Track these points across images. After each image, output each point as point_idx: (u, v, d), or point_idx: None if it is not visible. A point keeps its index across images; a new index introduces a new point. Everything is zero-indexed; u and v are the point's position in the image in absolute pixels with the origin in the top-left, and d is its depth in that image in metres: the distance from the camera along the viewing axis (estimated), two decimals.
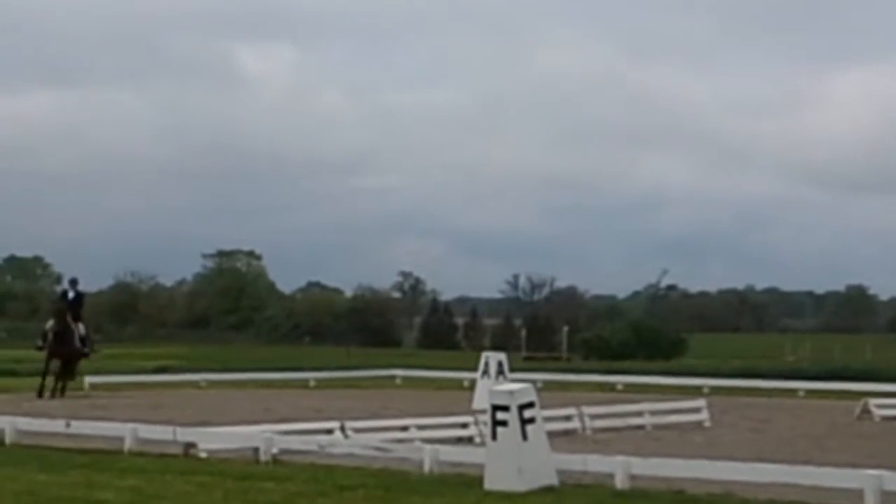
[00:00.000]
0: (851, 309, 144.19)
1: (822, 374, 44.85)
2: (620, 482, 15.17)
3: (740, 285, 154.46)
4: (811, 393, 38.69)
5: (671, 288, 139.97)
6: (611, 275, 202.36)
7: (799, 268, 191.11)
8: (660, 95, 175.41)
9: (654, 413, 26.38)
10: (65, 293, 37.83)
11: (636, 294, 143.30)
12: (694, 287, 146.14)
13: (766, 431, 25.32)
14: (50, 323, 36.25)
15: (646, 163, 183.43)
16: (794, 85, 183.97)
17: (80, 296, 37.40)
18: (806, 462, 16.44)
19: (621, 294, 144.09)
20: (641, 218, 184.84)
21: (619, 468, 15.34)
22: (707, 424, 26.29)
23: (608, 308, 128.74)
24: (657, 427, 25.41)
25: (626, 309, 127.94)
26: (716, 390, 38.30)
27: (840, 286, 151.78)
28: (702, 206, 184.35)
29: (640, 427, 25.35)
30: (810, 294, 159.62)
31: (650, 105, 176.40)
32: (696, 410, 27.08)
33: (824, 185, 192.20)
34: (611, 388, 41.08)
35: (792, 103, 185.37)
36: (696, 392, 35.75)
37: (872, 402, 29.46)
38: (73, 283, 37.95)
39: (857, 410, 28.98)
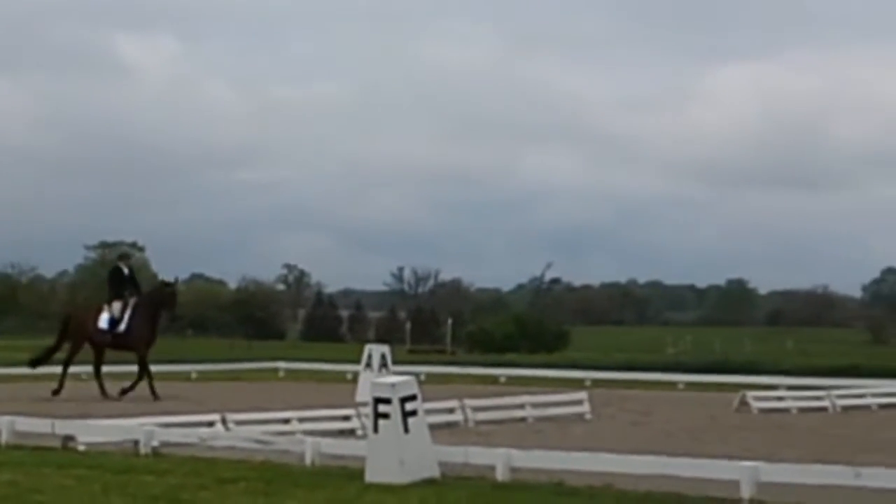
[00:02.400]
0: (732, 303, 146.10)
1: (701, 367, 45.50)
2: (501, 474, 15.25)
3: (623, 279, 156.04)
4: (691, 385, 39.22)
5: (555, 281, 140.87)
6: (495, 268, 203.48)
7: (681, 262, 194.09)
8: (546, 90, 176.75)
9: (535, 406, 26.57)
10: (118, 270, 32.35)
11: (520, 287, 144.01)
12: (578, 280, 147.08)
13: (645, 424, 25.60)
14: (117, 307, 31.22)
15: (531, 157, 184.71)
16: (678, 81, 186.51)
17: (132, 272, 32.66)
18: (684, 454, 16.64)
19: (506, 287, 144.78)
20: (526, 212, 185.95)
21: (500, 460, 15.41)
22: (588, 417, 26.54)
23: (493, 301, 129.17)
24: (539, 419, 25.61)
25: (511, 302, 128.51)
26: (597, 383, 38.66)
27: (721, 280, 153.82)
28: (586, 200, 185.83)
29: (522, 419, 25.53)
30: (692, 288, 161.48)
31: (536, 100, 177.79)
32: (578, 403, 27.33)
33: (707, 181, 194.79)
34: (493, 380, 41.30)
35: (675, 99, 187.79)
36: (578, 385, 36.10)
37: (750, 394, 29.90)
38: (126, 257, 33.05)
39: (735, 403, 29.39)
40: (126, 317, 31.13)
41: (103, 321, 31.36)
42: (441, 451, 15.79)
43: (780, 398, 30.85)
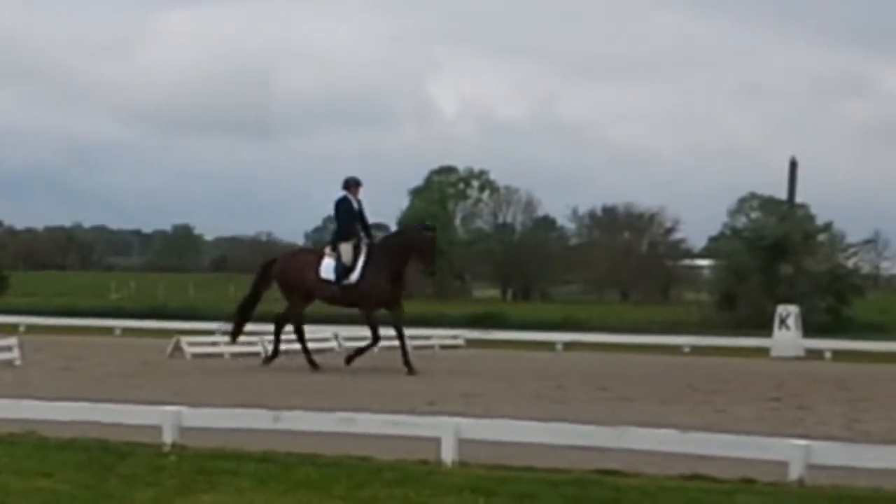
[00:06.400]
0: (178, 248, 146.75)
1: (143, 313, 45.61)
2: None
3: (68, 223, 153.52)
4: (128, 331, 39.20)
5: None
6: None
7: (127, 206, 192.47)
8: None
9: None
10: (346, 201, 25.13)
11: None
12: (20, 224, 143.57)
13: (77, 370, 25.33)
14: (347, 250, 24.76)
15: None
16: (128, 24, 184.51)
17: (362, 205, 25.41)
18: (112, 399, 16.57)
19: None
20: None
21: None
22: (18, 363, 26.01)
23: None
24: None
25: None
26: (33, 329, 38.04)
27: (167, 226, 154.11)
28: (31, 142, 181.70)
29: None
30: (138, 233, 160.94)
31: None
32: (8, 349, 26.70)
33: (155, 126, 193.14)
34: None
35: (125, 43, 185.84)
36: (12, 330, 35.28)
37: (184, 339, 30.13)
38: (356, 184, 25.10)
39: (170, 348, 29.57)
40: (360, 264, 24.85)
41: (327, 270, 25.17)
42: None
43: (213, 343, 31.23)
